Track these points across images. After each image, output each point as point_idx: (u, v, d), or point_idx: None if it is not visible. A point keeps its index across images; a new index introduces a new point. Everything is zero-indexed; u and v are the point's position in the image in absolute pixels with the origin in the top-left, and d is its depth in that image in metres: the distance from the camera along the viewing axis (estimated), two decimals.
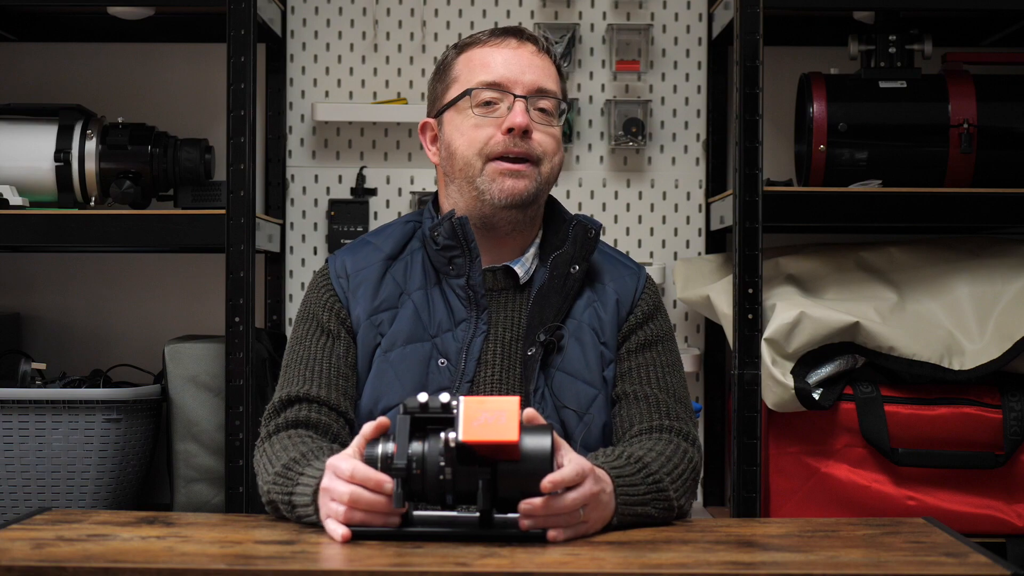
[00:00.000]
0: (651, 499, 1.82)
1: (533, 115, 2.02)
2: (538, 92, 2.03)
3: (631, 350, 2.05)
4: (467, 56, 2.07)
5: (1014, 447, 2.65)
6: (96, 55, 3.14)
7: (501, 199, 2.01)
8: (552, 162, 2.05)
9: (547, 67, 2.07)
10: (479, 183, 2.01)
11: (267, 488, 1.87)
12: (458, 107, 2.05)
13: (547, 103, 2.04)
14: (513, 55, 2.05)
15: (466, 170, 2.03)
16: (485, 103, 2.03)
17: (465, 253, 2.01)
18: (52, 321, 3.14)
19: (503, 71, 2.03)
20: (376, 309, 2.03)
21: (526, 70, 2.04)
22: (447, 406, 1.66)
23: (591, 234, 2.06)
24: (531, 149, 2.01)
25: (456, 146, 2.04)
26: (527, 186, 2.01)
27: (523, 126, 2.00)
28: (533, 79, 2.04)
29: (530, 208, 2.04)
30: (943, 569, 1.56)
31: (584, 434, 1.99)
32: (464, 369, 1.99)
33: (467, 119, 2.03)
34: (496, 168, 2.01)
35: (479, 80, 2.03)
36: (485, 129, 2.02)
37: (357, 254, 2.09)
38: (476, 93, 2.03)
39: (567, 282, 2.03)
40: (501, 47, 2.06)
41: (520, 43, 2.06)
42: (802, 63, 2.94)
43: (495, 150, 2.01)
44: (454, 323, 2.02)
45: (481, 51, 2.06)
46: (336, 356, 2.02)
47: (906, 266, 2.79)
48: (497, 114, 2.02)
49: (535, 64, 2.05)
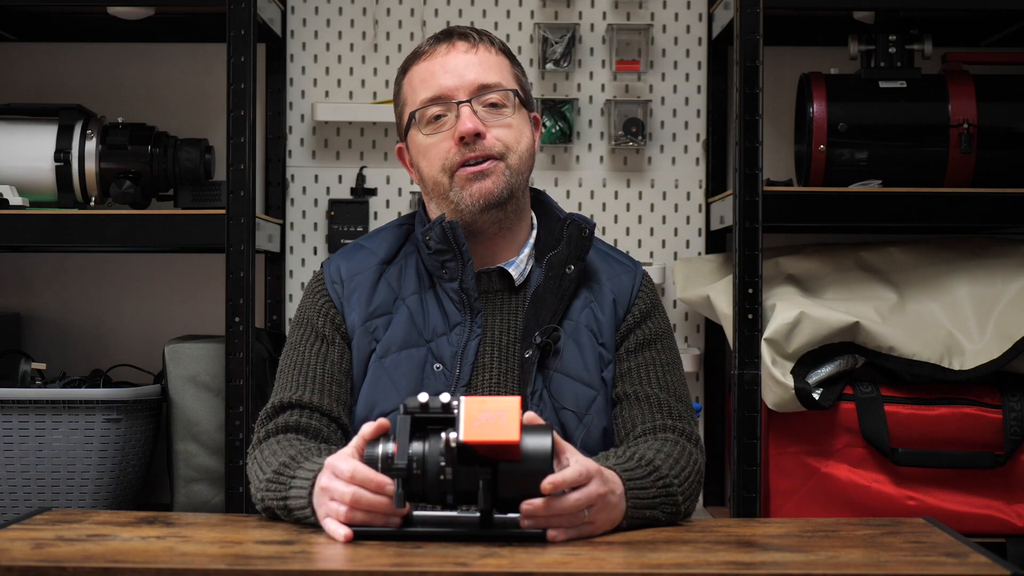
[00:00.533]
0: (660, 502, 1.82)
1: (482, 114, 2.01)
2: (480, 89, 2.02)
3: (630, 350, 2.05)
4: (408, 76, 2.08)
5: (1014, 447, 2.65)
6: (96, 55, 3.14)
7: (474, 203, 2.00)
8: (518, 152, 2.03)
9: (485, 60, 2.04)
10: (452, 196, 2.01)
11: (260, 495, 1.87)
12: (412, 131, 2.05)
13: (494, 96, 2.03)
14: (447, 61, 2.03)
15: (437, 188, 2.03)
16: (434, 118, 2.02)
17: (457, 257, 2.00)
18: (52, 321, 3.14)
19: (440, 81, 2.02)
20: (371, 315, 2.03)
21: (463, 72, 2.02)
22: (447, 406, 1.66)
23: (585, 233, 2.05)
24: (489, 149, 2.00)
25: (422, 168, 2.05)
26: (495, 182, 2.00)
27: (472, 131, 1.99)
28: (473, 78, 2.02)
29: (508, 204, 2.02)
30: (943, 569, 1.56)
31: (584, 435, 1.99)
32: (460, 374, 1.99)
33: (423, 139, 2.03)
34: (462, 175, 2.00)
35: (420, 99, 2.03)
36: (440, 145, 2.01)
37: (352, 259, 2.09)
38: (421, 113, 2.03)
39: (563, 283, 2.03)
40: (434, 57, 2.04)
41: (451, 45, 2.05)
42: (802, 63, 2.94)
43: (455, 161, 2.00)
44: (449, 327, 2.01)
45: (418, 67, 2.06)
46: (331, 362, 2.02)
47: (906, 266, 2.79)
48: (447, 127, 2.01)
49: (471, 62, 2.03)
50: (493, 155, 2.00)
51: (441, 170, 2.01)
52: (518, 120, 2.05)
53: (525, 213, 2.09)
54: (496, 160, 2.00)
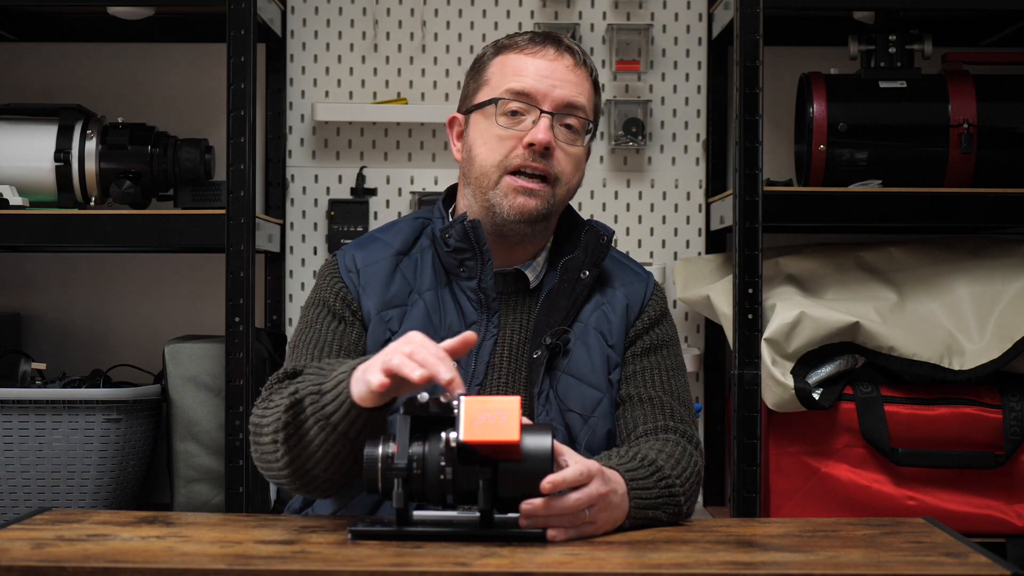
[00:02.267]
0: (663, 502, 1.82)
1: (558, 132, 1.99)
2: (567, 108, 2.00)
3: (637, 354, 2.05)
4: (503, 59, 2.04)
5: (1014, 447, 2.65)
6: (96, 55, 3.14)
7: (511, 215, 1.99)
8: (568, 184, 2.02)
9: (581, 82, 2.02)
10: (491, 196, 1.99)
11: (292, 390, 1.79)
12: (485, 111, 2.02)
13: (574, 120, 2.01)
14: (548, 66, 2.01)
15: (481, 179, 2.01)
16: (511, 112, 2.00)
17: (477, 256, 1.99)
18: (52, 321, 3.14)
19: (534, 82, 1.99)
20: (387, 304, 2.01)
21: (558, 84, 2.00)
22: (447, 406, 1.66)
23: (603, 240, 2.04)
24: (549, 168, 1.98)
25: (476, 152, 2.02)
26: (538, 206, 1.98)
27: (544, 143, 1.97)
28: (563, 94, 2.00)
29: (540, 224, 2.02)
30: (943, 569, 1.56)
31: (588, 437, 1.99)
32: (474, 372, 1.98)
33: (491, 127, 2.00)
34: (510, 184, 1.98)
35: (508, 88, 2.00)
36: (507, 141, 1.99)
37: (366, 249, 2.07)
38: (503, 102, 2.00)
39: (576, 287, 2.02)
40: (537, 56, 2.01)
41: (558, 54, 2.02)
42: (802, 63, 2.94)
43: (513, 163, 1.98)
44: (465, 325, 2.00)
45: (517, 57, 2.02)
46: (347, 340, 1.99)
47: (906, 266, 2.79)
48: (521, 127, 1.99)
49: (568, 79, 2.01)
50: (549, 177, 1.99)
51: (496, 165, 1.99)
52: (581, 153, 2.04)
53: (550, 231, 2.08)
54: (548, 184, 1.99)
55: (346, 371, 1.74)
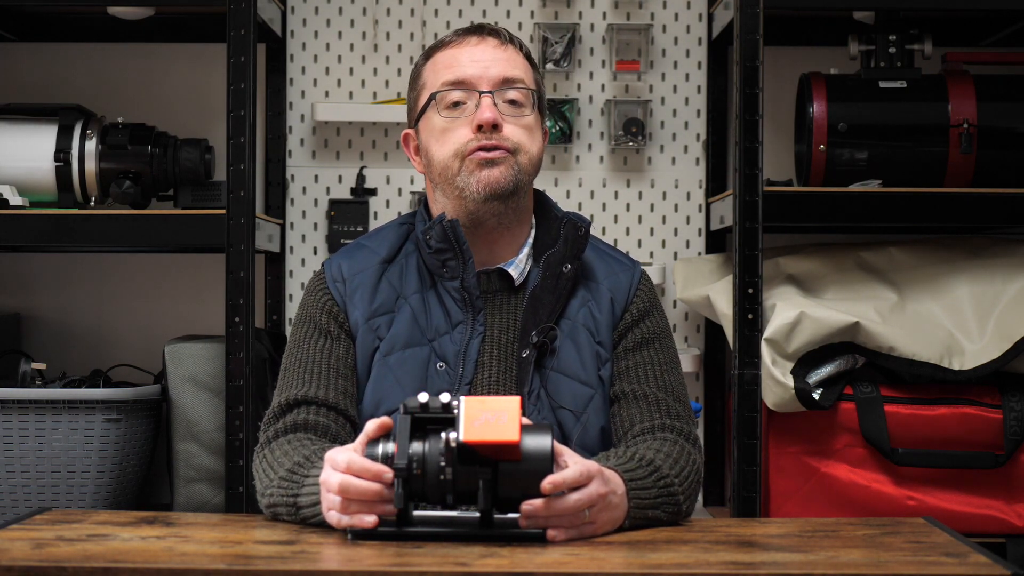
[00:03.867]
0: (662, 502, 1.83)
1: (502, 108, 2.02)
2: (504, 83, 2.03)
3: (628, 348, 2.05)
4: (432, 61, 2.08)
5: (1014, 447, 2.65)
6: (96, 55, 3.14)
7: (480, 190, 2.00)
8: (529, 152, 2.03)
9: (512, 57, 2.06)
10: (458, 181, 2.01)
11: (270, 492, 1.86)
12: (428, 113, 2.05)
13: (516, 94, 2.03)
14: (476, 51, 2.05)
15: (445, 172, 2.03)
16: (453, 104, 2.03)
17: (458, 255, 2.00)
18: (52, 321, 3.14)
19: (467, 69, 2.03)
20: (374, 313, 2.03)
21: (489, 64, 2.03)
22: (447, 406, 1.66)
23: (581, 231, 2.05)
24: (503, 141, 2.00)
25: (433, 151, 2.04)
26: (503, 173, 2.00)
27: (491, 120, 1.99)
28: (498, 71, 2.03)
29: (511, 199, 2.02)
30: (943, 569, 1.56)
31: (581, 434, 1.99)
32: (463, 372, 1.99)
33: (438, 123, 2.03)
34: (473, 159, 2.00)
35: (443, 81, 2.04)
36: (457, 131, 2.02)
37: (353, 258, 2.09)
38: (441, 96, 2.03)
39: (559, 282, 2.03)
40: (463, 46, 2.06)
41: (481, 39, 2.06)
42: (802, 63, 2.94)
43: (469, 148, 2.00)
44: (451, 326, 2.01)
45: (444, 53, 2.07)
46: (335, 356, 2.02)
47: (906, 266, 2.79)
48: (466, 113, 2.02)
49: (499, 57, 2.05)
50: (506, 147, 2.00)
51: (454, 154, 2.01)
52: (533, 122, 2.06)
53: (526, 215, 2.09)
54: (508, 153, 2.01)
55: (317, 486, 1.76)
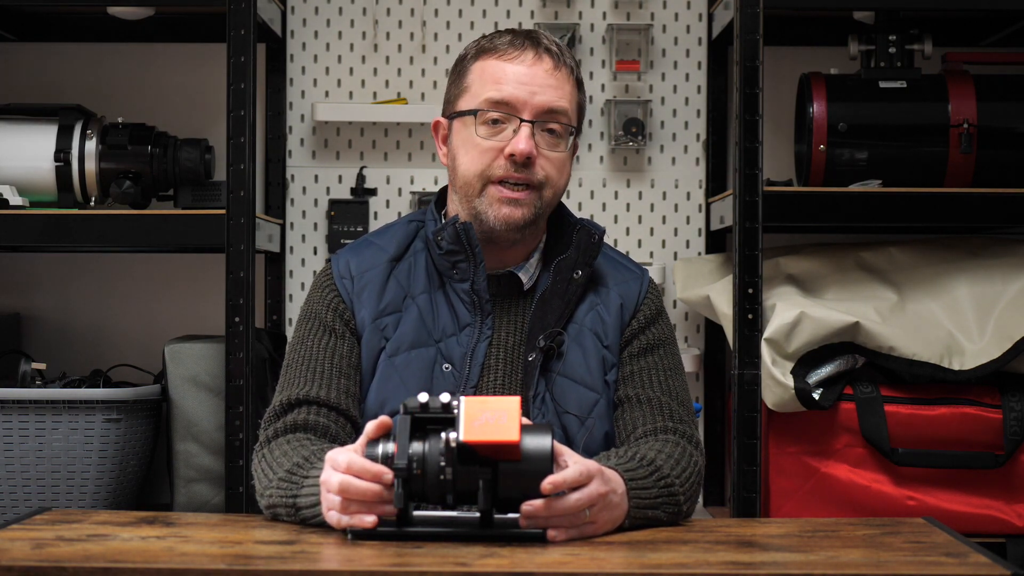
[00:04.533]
0: (662, 502, 1.83)
1: (539, 139, 1.98)
2: (547, 114, 1.99)
3: (634, 354, 2.05)
4: (482, 64, 2.02)
5: (1014, 447, 2.65)
6: (96, 55, 3.14)
7: (498, 224, 1.99)
8: (556, 187, 2.01)
9: (562, 85, 2.01)
10: (477, 204, 1.99)
11: (269, 492, 1.86)
12: (465, 120, 2.01)
13: (556, 126, 2.00)
14: (527, 72, 1.99)
15: (466, 188, 2.01)
16: (492, 122, 1.99)
17: (470, 258, 1.99)
18: (52, 321, 3.14)
19: (513, 90, 1.98)
20: (381, 312, 2.02)
21: (537, 91, 1.98)
22: (447, 406, 1.66)
23: (594, 239, 2.04)
24: (532, 176, 1.98)
25: (459, 162, 2.02)
26: (524, 214, 1.98)
27: (525, 153, 1.96)
28: (544, 100, 1.98)
29: (529, 229, 2.02)
30: (943, 569, 1.56)
31: (586, 438, 1.99)
32: (469, 375, 1.98)
33: (472, 136, 2.00)
34: (495, 194, 1.98)
35: (487, 98, 1.99)
36: (488, 152, 1.98)
37: (361, 255, 2.08)
38: (482, 113, 1.99)
39: (569, 287, 2.02)
40: (516, 61, 2.00)
41: (536, 58, 2.00)
42: (802, 63, 2.94)
43: (496, 174, 1.98)
44: (458, 328, 2.01)
45: (497, 63, 2.01)
46: (339, 355, 2.01)
47: (906, 266, 2.79)
48: (502, 136, 1.98)
49: (548, 83, 1.99)
50: (533, 184, 1.98)
51: (478, 175, 1.99)
52: (565, 156, 2.03)
53: (541, 230, 2.08)
54: (533, 191, 1.98)
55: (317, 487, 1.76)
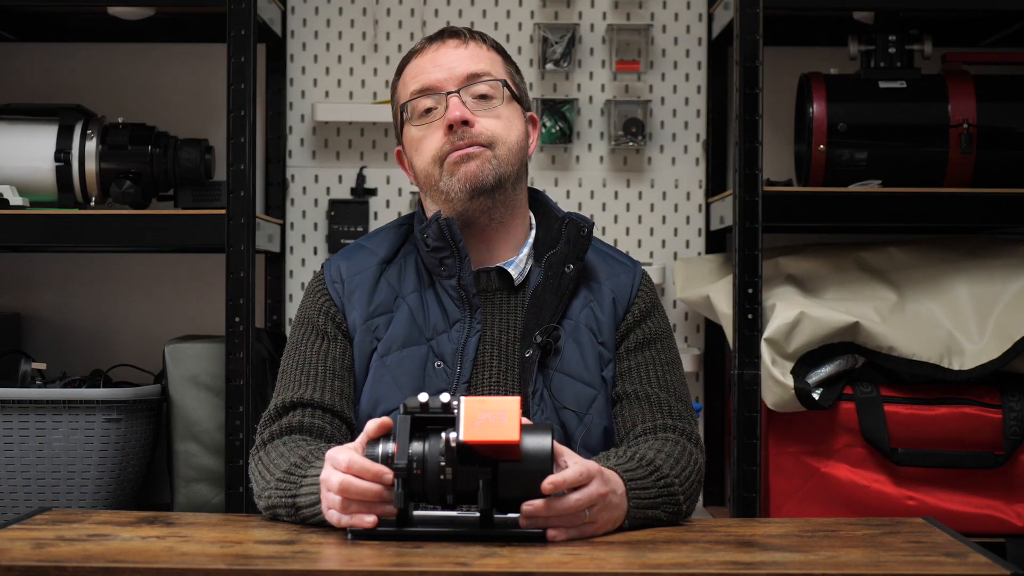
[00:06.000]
0: (662, 502, 1.83)
1: (471, 104, 2.01)
2: (469, 79, 2.02)
3: (630, 349, 2.05)
4: (402, 75, 2.10)
5: (1014, 447, 2.65)
6: (96, 55, 3.14)
7: (461, 188, 1.99)
8: (507, 143, 2.02)
9: (475, 53, 2.06)
10: (442, 185, 2.01)
11: (268, 493, 1.86)
12: (406, 126, 2.07)
13: (483, 87, 2.03)
14: (436, 55, 2.05)
15: (428, 180, 2.03)
16: (424, 111, 2.03)
17: (454, 253, 2.00)
18: (52, 321, 3.14)
19: (431, 75, 2.04)
20: (372, 314, 2.03)
21: (452, 65, 2.03)
22: (447, 406, 1.66)
23: (583, 232, 2.05)
24: (476, 137, 2.00)
25: (415, 162, 2.06)
26: (480, 166, 1.99)
27: (459, 118, 1.99)
28: (462, 70, 2.03)
29: (497, 193, 2.01)
30: (943, 569, 1.56)
31: (584, 435, 1.99)
32: (461, 371, 1.99)
33: (414, 133, 2.05)
34: (449, 160, 2.00)
35: (412, 90, 2.05)
36: (431, 136, 2.02)
37: (352, 259, 2.09)
38: (411, 105, 2.04)
39: (562, 282, 2.02)
40: (425, 54, 2.07)
41: (441, 42, 2.07)
42: (802, 63, 2.94)
43: (444, 150, 2.01)
44: (448, 324, 2.01)
45: (410, 65, 2.08)
46: (332, 358, 2.02)
47: (906, 266, 2.79)
48: (438, 118, 2.02)
49: (461, 55, 2.05)
50: (480, 142, 2.00)
51: (432, 161, 2.01)
52: (508, 112, 2.05)
53: (520, 210, 2.09)
54: (483, 147, 2.00)
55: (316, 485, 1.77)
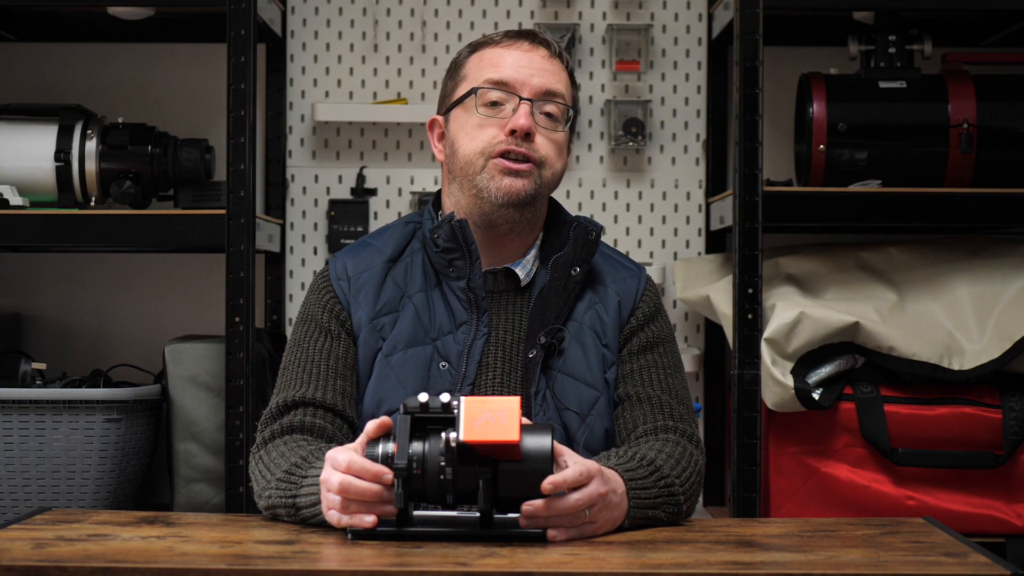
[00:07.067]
0: (662, 502, 1.83)
1: (538, 119, 2.01)
2: (545, 95, 2.02)
3: (633, 352, 2.05)
4: (479, 55, 2.07)
5: (1014, 447, 2.65)
6: (96, 55, 3.14)
7: (499, 197, 1.99)
8: (554, 168, 2.03)
9: (558, 72, 2.05)
10: (479, 180, 2.00)
11: (268, 493, 1.86)
12: (465, 105, 2.04)
13: (553, 108, 2.03)
14: (524, 57, 2.04)
15: (467, 168, 2.02)
16: (491, 103, 2.02)
17: (465, 255, 2.00)
18: (52, 321, 3.14)
19: (512, 72, 2.02)
20: (378, 313, 2.03)
21: (535, 73, 2.02)
22: (447, 406, 1.66)
23: (592, 236, 2.05)
24: (532, 152, 2.00)
25: (460, 144, 2.03)
26: (525, 186, 2.00)
27: (526, 128, 1.99)
28: (541, 82, 2.02)
29: (527, 209, 2.03)
30: (943, 569, 1.56)
31: (586, 436, 1.99)
32: (465, 372, 1.99)
33: (472, 118, 2.02)
34: (496, 165, 1.99)
35: (487, 78, 2.02)
36: (489, 129, 2.01)
37: (358, 256, 2.08)
38: (482, 92, 2.02)
39: (568, 284, 2.03)
40: (513, 48, 2.05)
41: (532, 46, 2.05)
42: (802, 63, 2.94)
43: (497, 149, 2.00)
44: (455, 326, 2.01)
45: (493, 51, 2.06)
46: (335, 357, 2.02)
47: (906, 266, 2.79)
48: (502, 115, 2.01)
49: (545, 68, 2.04)
50: (534, 160, 2.00)
51: (480, 152, 2.00)
52: (563, 138, 2.05)
53: (538, 222, 2.09)
54: (534, 167, 2.00)
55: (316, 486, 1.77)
